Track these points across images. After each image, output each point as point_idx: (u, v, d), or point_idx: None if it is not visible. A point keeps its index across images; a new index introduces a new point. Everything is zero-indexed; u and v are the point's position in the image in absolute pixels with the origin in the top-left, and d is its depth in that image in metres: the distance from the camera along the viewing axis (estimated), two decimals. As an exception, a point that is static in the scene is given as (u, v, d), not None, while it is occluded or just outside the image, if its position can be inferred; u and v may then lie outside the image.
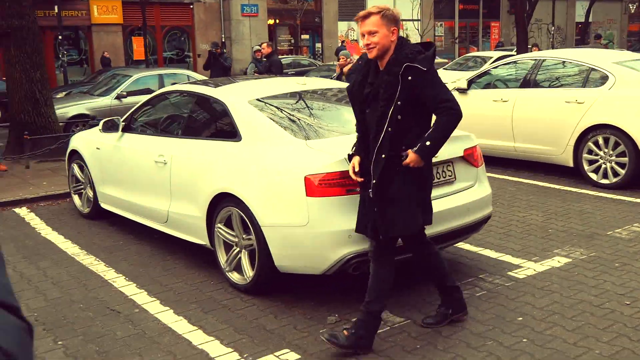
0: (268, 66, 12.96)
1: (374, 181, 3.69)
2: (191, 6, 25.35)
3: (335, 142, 4.51)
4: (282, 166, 4.38)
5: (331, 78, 13.04)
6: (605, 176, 7.49)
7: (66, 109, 13.20)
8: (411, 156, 3.65)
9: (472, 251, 5.50)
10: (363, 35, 3.76)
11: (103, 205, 6.54)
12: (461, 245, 5.52)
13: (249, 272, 4.66)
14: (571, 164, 7.80)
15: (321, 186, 4.17)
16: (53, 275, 5.30)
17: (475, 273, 5.03)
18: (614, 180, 7.40)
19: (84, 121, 13.29)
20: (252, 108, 4.92)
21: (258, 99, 5.05)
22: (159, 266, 5.41)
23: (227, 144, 4.88)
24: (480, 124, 8.24)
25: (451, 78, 19.15)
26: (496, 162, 8.63)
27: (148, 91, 14.07)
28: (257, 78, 6.01)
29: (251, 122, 4.81)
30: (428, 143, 3.64)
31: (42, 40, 11.75)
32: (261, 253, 4.49)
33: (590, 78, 7.70)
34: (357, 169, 3.86)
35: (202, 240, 5.11)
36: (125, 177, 5.98)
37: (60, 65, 21.84)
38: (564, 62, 8.25)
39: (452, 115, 3.66)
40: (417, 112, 3.71)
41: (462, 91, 8.85)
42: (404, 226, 3.76)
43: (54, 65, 22.50)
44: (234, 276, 4.83)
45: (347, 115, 5.32)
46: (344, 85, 5.67)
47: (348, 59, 10.38)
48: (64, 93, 16.33)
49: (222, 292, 4.80)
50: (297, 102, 5.24)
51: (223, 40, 26.02)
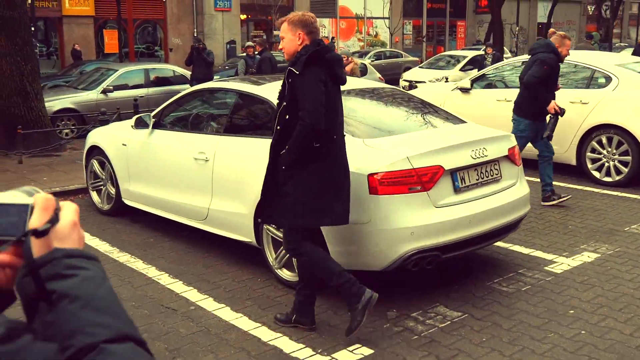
0: (259, 63, 12.96)
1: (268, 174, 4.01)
2: (164, 0, 25.04)
3: (393, 141, 4.62)
4: (343, 165, 4.46)
5: None
6: (608, 174, 7.80)
7: (51, 103, 12.90)
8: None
9: (503, 247, 5.68)
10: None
11: (127, 202, 6.50)
12: (492, 241, 5.70)
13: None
14: (574, 162, 8.09)
15: (384, 184, 4.27)
16: (93, 273, 5.27)
17: (513, 268, 5.21)
18: (617, 178, 7.72)
19: (70, 115, 13.09)
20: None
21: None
22: (199, 263, 5.43)
23: (276, 142, 4.92)
24: (483, 124, 8.42)
25: (428, 77, 19.60)
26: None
27: (134, 86, 13.93)
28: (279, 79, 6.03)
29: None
30: (285, 150, 3.88)
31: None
32: (317, 250, 4.56)
33: (594, 79, 7.99)
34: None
35: (247, 237, 5.15)
36: (157, 174, 5.95)
37: (30, 57, 21.30)
38: (568, 64, 8.52)
39: (301, 125, 3.79)
40: None
41: (465, 90, 9.06)
42: (286, 221, 4.00)
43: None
44: (284, 273, 4.90)
45: (397, 113, 5.46)
46: (382, 85, 5.79)
47: (349, 58, 10.47)
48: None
49: (273, 289, 4.87)
50: (350, 102, 5.33)
51: (195, 34, 25.77)
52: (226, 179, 5.22)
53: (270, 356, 3.88)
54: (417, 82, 17.19)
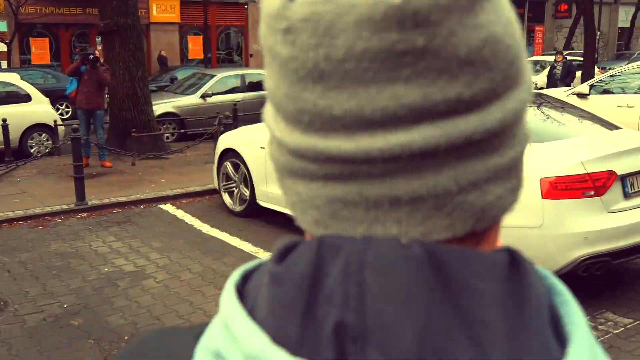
0: None
1: None
2: (246, 6, 25.53)
3: (563, 146, 4.61)
4: (512, 169, 4.47)
5: None
6: None
7: (154, 107, 13.35)
8: None
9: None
10: None
11: (263, 204, 6.66)
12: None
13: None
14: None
15: (557, 189, 4.26)
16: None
17: (671, 277, 5.10)
18: None
19: (171, 119, 13.48)
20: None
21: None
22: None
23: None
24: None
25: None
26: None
27: (232, 90, 14.25)
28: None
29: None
30: None
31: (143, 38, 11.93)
32: (480, 253, 4.58)
33: None
34: None
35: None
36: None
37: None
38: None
39: None
40: None
41: (582, 96, 8.91)
42: None
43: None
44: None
45: (557, 118, 5.43)
46: (582, 89, 5.71)
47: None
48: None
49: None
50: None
51: (275, 40, 26.18)
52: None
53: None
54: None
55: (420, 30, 0.38)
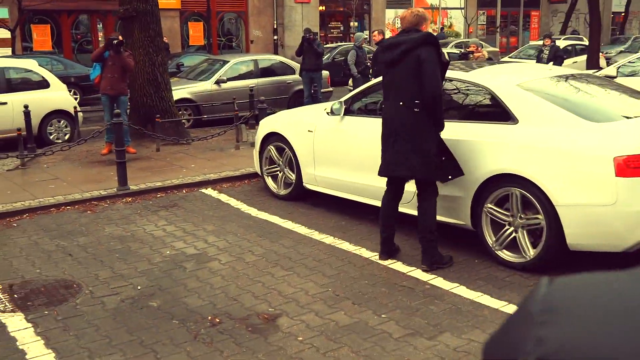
0: (375, 53, 13.09)
1: None
2: (245, -8, 25.42)
3: (632, 124, 4.70)
4: (584, 147, 4.55)
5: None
6: None
7: (169, 94, 13.32)
8: None
9: None
10: None
11: (310, 186, 6.72)
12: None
13: (530, 251, 4.85)
14: None
15: (631, 167, 4.35)
16: (308, 253, 5.48)
17: None
18: None
19: (187, 105, 13.42)
20: (524, 91, 5.09)
21: (522, 83, 5.22)
22: (406, 244, 5.58)
23: (500, 127, 5.05)
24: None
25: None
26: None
27: (245, 76, 14.23)
28: (482, 65, 6.16)
29: (528, 105, 4.99)
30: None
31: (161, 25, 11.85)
32: (550, 232, 4.68)
33: None
34: None
35: (462, 220, 5.30)
36: (354, 159, 6.12)
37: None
38: None
39: None
40: None
41: (611, 78, 9.01)
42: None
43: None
44: (505, 254, 5.03)
45: (618, 98, 5.52)
46: (609, 71, 5.81)
47: (478, 48, 10.53)
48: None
49: (496, 270, 5.00)
50: (562, 86, 5.43)
51: (275, 26, 26.11)
52: (439, 163, 5.35)
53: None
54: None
55: None
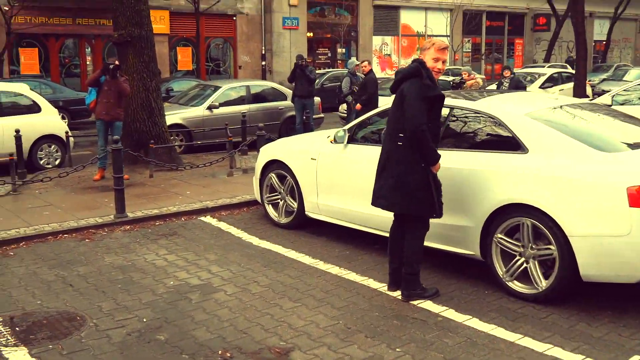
0: (364, 83, 13.16)
1: None
2: (234, 18, 25.50)
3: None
4: (596, 177, 4.53)
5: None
6: None
7: (161, 119, 13.22)
8: None
9: None
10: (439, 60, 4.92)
11: (313, 215, 6.64)
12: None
13: (542, 282, 4.81)
14: None
15: (644, 198, 4.34)
16: (314, 284, 5.39)
17: None
18: None
19: (177, 131, 13.34)
20: (533, 121, 5.09)
21: (531, 112, 5.23)
22: (414, 275, 5.52)
23: (510, 156, 5.03)
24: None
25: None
26: None
27: (237, 102, 14.19)
28: (487, 94, 6.16)
29: (538, 135, 4.97)
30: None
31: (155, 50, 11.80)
32: (563, 262, 4.64)
33: None
34: None
35: (470, 250, 5.25)
36: (358, 188, 6.04)
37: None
38: None
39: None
40: None
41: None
42: None
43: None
44: (516, 285, 4.97)
45: (624, 127, 5.53)
46: (604, 100, 5.85)
47: (471, 75, 10.58)
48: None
49: (507, 301, 4.94)
50: (569, 116, 5.45)
51: (263, 52, 26.19)
52: (447, 194, 5.31)
53: (553, 366, 3.95)
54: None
55: None
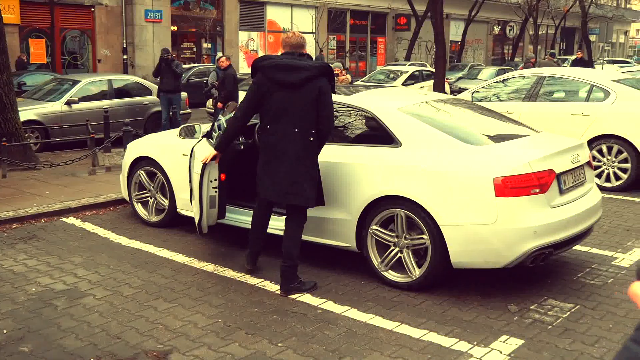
0: (222, 79, 13.04)
1: None
2: (92, 9, 24.27)
3: (509, 147, 4.97)
4: (465, 169, 4.73)
5: None
6: (607, 180, 8.52)
7: (14, 115, 12.28)
8: None
9: (562, 246, 6.13)
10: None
11: (185, 212, 6.43)
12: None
13: (415, 270, 4.95)
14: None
15: (508, 187, 4.59)
16: (190, 282, 5.22)
17: (585, 264, 5.67)
18: (617, 183, 8.45)
19: (32, 128, 12.48)
20: (404, 115, 5.23)
21: (403, 107, 5.36)
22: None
23: (384, 150, 5.13)
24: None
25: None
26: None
27: (99, 97, 13.50)
28: (360, 89, 6.27)
29: (410, 129, 5.12)
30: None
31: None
32: (435, 251, 4.81)
33: (592, 94, 8.72)
34: None
35: (347, 242, 5.31)
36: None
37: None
38: (565, 79, 9.24)
39: None
40: None
41: (465, 103, 9.57)
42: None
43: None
44: (391, 275, 5.09)
45: (494, 122, 5.80)
46: (464, 96, 6.09)
47: (342, 70, 10.74)
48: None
49: (383, 290, 5.05)
50: (438, 110, 5.63)
51: (125, 45, 25.17)
52: (325, 187, 5.34)
53: (430, 351, 4.07)
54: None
55: None
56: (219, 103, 12.91)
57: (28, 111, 12.45)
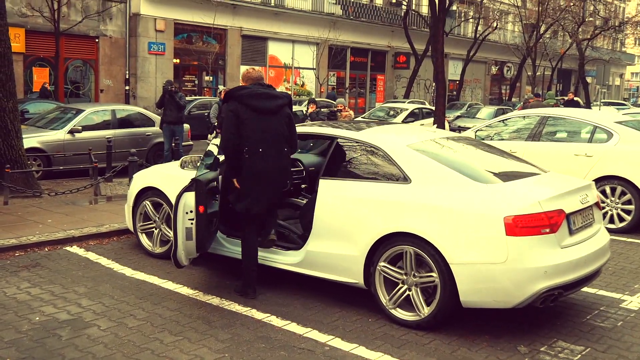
0: (221, 110, 13.12)
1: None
2: (97, 40, 24.49)
3: (519, 186, 4.97)
4: (476, 207, 4.73)
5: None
6: (611, 221, 8.52)
7: (17, 142, 12.28)
8: None
9: (568, 287, 6.10)
10: None
11: (190, 244, 6.38)
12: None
13: (424, 309, 4.91)
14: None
15: (519, 226, 4.58)
16: (196, 315, 5.16)
17: (594, 306, 5.63)
18: (620, 225, 8.45)
19: (35, 155, 12.48)
20: (414, 152, 5.24)
21: (412, 144, 5.38)
22: (298, 304, 5.45)
23: (394, 186, 5.13)
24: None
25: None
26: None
27: (102, 126, 13.53)
28: (370, 125, 6.33)
29: (420, 166, 5.12)
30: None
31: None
32: (445, 289, 4.78)
33: (595, 135, 8.78)
34: None
35: (354, 279, 5.27)
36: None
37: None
38: (568, 120, 9.31)
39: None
40: None
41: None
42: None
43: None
44: (399, 313, 5.04)
45: (502, 161, 5.82)
46: (468, 135, 6.10)
47: (345, 107, 10.82)
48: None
49: (391, 328, 4.99)
50: (446, 148, 5.66)
51: (127, 76, 25.34)
52: (333, 222, 5.33)
53: (441, 391, 4.02)
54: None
55: None
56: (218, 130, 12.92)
57: (31, 139, 12.46)
